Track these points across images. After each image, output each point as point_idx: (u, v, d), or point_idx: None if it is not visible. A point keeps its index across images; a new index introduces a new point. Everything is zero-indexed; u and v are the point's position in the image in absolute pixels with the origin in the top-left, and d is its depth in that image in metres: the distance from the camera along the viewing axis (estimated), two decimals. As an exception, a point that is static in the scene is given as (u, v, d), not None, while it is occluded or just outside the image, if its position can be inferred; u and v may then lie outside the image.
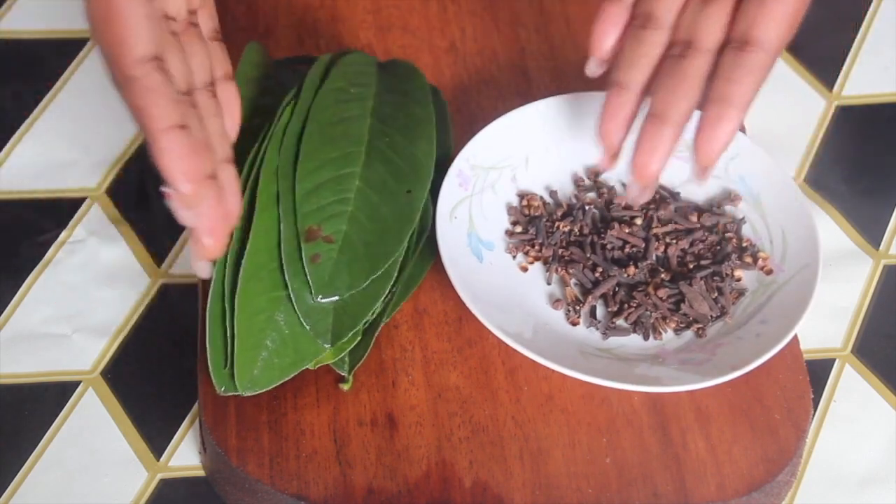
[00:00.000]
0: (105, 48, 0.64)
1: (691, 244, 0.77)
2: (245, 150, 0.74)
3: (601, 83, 0.78)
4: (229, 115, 0.70)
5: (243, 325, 0.69)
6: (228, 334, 0.70)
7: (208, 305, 0.70)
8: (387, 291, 0.71)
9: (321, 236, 0.71)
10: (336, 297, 0.70)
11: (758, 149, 0.79)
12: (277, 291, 0.70)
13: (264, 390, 0.70)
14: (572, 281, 0.76)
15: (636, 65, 0.70)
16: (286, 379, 0.70)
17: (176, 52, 0.66)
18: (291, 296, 0.70)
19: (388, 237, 0.72)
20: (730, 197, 0.79)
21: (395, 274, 0.72)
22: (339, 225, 0.72)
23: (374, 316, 0.72)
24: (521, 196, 0.79)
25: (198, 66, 0.68)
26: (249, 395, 0.69)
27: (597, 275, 0.76)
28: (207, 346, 0.70)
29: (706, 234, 0.77)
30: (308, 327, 0.70)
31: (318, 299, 0.70)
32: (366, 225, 0.72)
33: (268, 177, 0.72)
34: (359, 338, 0.71)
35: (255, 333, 0.70)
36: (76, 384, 0.76)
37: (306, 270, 0.70)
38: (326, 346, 0.70)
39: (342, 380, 0.72)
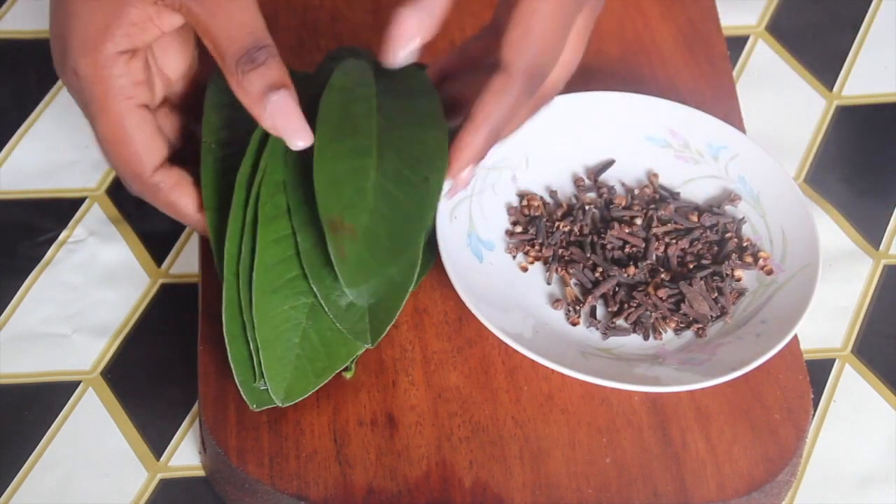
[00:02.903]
0: (121, 165, 0.69)
1: (691, 244, 0.77)
2: (234, 164, 0.73)
3: (602, 83, 0.78)
4: None
5: (267, 337, 0.69)
6: (252, 348, 0.70)
7: (224, 326, 0.70)
8: (414, 279, 0.71)
9: (344, 227, 0.70)
10: (367, 289, 0.70)
11: (758, 149, 0.79)
12: (300, 299, 0.70)
13: (302, 398, 0.70)
14: (572, 281, 0.76)
15: None
16: (322, 384, 0.70)
17: None
18: (321, 302, 0.70)
19: (411, 225, 0.71)
20: (730, 197, 0.79)
21: (420, 261, 0.72)
22: (360, 216, 0.71)
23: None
24: (521, 196, 0.79)
25: (171, 133, 0.73)
26: (288, 405, 0.70)
27: (597, 275, 0.76)
28: (232, 365, 0.70)
29: (706, 233, 0.77)
30: (344, 330, 0.70)
31: (349, 292, 0.69)
32: (387, 215, 0.71)
33: (270, 188, 0.72)
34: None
35: (283, 343, 0.70)
36: (76, 384, 0.76)
37: (334, 261, 0.69)
38: (368, 345, 0.70)
39: (345, 368, 0.72)
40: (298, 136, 0.68)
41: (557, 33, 0.69)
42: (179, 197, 0.71)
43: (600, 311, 0.76)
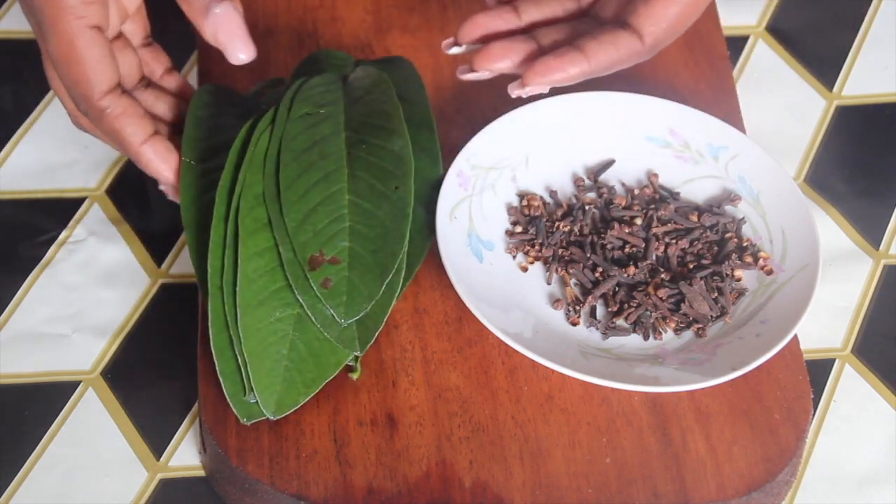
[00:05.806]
0: (72, 86, 0.69)
1: (691, 244, 0.77)
2: (214, 180, 0.73)
3: (601, 83, 0.78)
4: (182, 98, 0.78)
5: (254, 350, 0.69)
6: (240, 361, 0.70)
7: (211, 340, 0.70)
8: (400, 285, 0.72)
9: (325, 261, 0.71)
10: (363, 313, 0.70)
11: (758, 149, 0.79)
12: (286, 311, 0.71)
13: (293, 410, 0.70)
14: (572, 281, 0.76)
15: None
16: (312, 395, 0.70)
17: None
18: (308, 312, 0.70)
19: (391, 238, 0.72)
20: (730, 197, 0.79)
21: (404, 267, 0.72)
22: (341, 243, 0.72)
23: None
24: (521, 196, 0.79)
25: (127, 68, 0.74)
26: (279, 418, 0.70)
27: (597, 275, 0.76)
28: (221, 379, 0.70)
29: (706, 233, 0.77)
30: (333, 339, 0.70)
31: (346, 322, 0.70)
32: (366, 234, 0.72)
33: (249, 201, 0.72)
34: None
35: (271, 355, 0.70)
36: (76, 384, 0.76)
37: (321, 297, 0.70)
38: (357, 353, 0.70)
39: (350, 370, 0.72)
40: (240, 50, 0.69)
41: (690, 18, 0.73)
42: (124, 126, 0.70)
43: (600, 311, 0.76)
